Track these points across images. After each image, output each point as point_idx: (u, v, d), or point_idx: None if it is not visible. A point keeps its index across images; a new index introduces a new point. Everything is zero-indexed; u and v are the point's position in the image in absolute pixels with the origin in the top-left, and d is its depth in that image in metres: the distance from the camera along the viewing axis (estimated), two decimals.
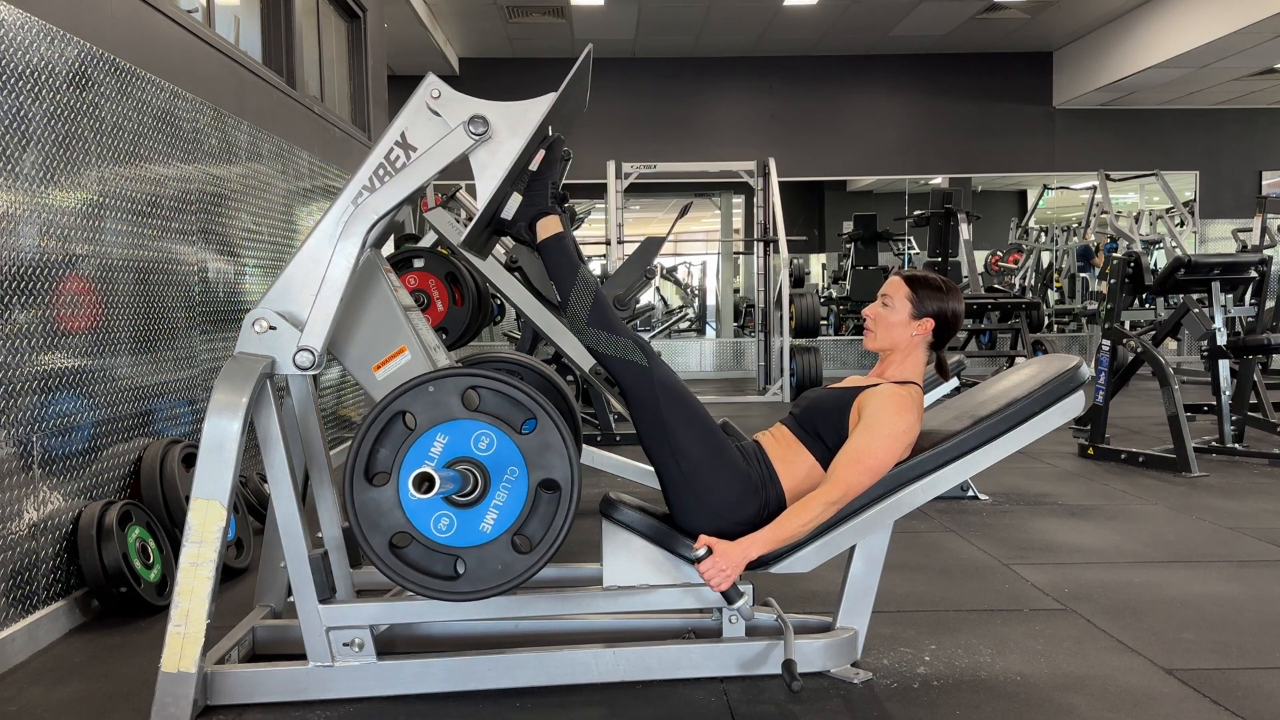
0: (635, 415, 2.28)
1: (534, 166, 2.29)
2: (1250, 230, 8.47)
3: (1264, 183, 11.58)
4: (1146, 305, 10.01)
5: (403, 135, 2.18)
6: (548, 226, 2.30)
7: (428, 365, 2.35)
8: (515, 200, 2.29)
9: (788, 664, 2.09)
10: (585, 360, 3.64)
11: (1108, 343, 5.25)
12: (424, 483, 1.87)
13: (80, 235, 2.84)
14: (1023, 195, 13.38)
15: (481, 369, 2.13)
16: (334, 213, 2.18)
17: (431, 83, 2.21)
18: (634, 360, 2.23)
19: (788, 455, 2.30)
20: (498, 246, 4.10)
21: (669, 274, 13.55)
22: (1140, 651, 2.43)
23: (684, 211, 8.11)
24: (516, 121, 2.19)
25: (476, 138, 2.16)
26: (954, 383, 3.43)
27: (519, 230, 2.33)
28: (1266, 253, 6.79)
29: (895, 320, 2.33)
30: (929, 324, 2.32)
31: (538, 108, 2.21)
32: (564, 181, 2.47)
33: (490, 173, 2.18)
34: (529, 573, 2.06)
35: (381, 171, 2.18)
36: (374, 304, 2.36)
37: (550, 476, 2.06)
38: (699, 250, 14.32)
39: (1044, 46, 11.00)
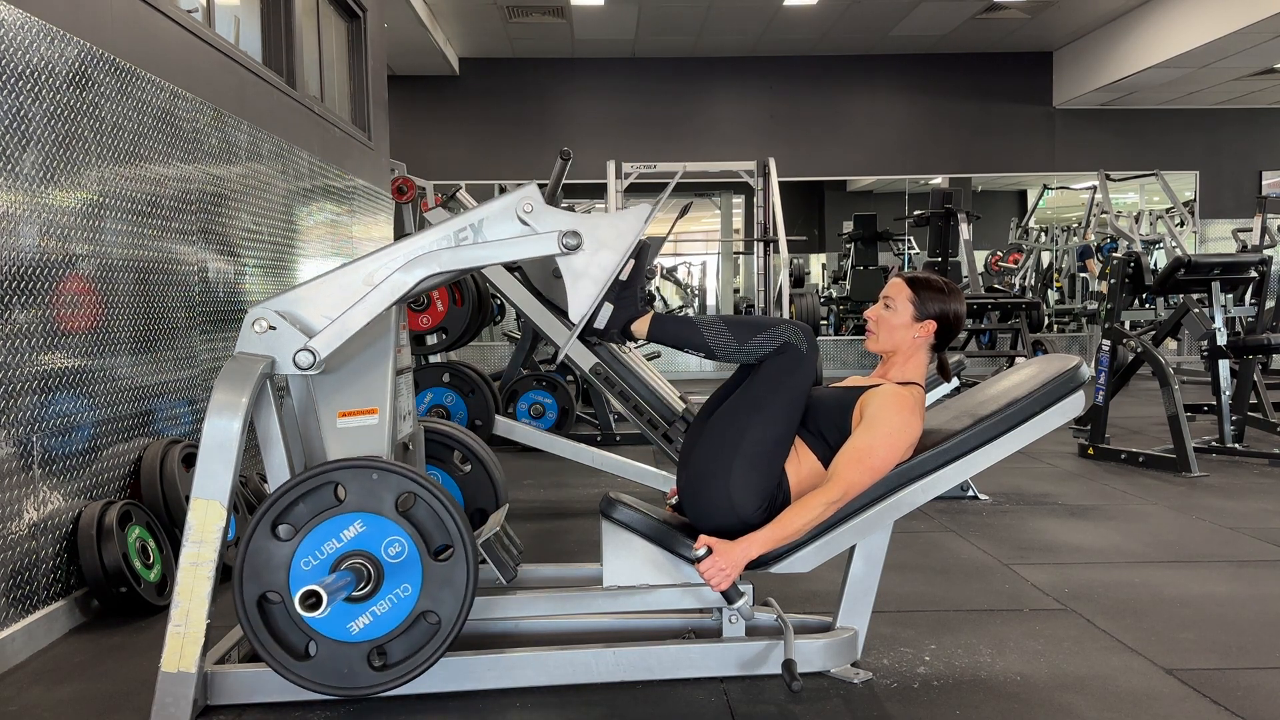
0: (748, 382, 2.24)
1: (624, 276, 2.28)
2: (1250, 230, 8.47)
3: (1264, 183, 11.58)
4: (1146, 305, 10.01)
5: (480, 222, 2.16)
6: (643, 325, 2.31)
7: (387, 438, 2.30)
8: (607, 309, 2.29)
9: (788, 664, 2.09)
10: (586, 360, 3.64)
11: (1108, 343, 5.25)
12: (310, 598, 1.84)
13: (80, 235, 2.84)
14: (1023, 195, 13.38)
15: (427, 480, 2.09)
16: (388, 254, 2.16)
17: (528, 195, 2.17)
18: (795, 344, 2.20)
19: (792, 456, 2.30)
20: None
21: (669, 274, 13.55)
22: (1140, 651, 2.43)
23: (684, 211, 8.11)
24: (611, 236, 2.18)
25: (569, 250, 2.15)
26: (954, 383, 3.44)
27: (612, 337, 2.34)
28: (1266, 253, 6.78)
29: (897, 322, 2.33)
30: (931, 326, 2.33)
31: (633, 223, 2.19)
32: (564, 181, 2.47)
33: (584, 285, 2.17)
34: (371, 690, 2.06)
35: (446, 243, 2.16)
36: (374, 354, 2.32)
37: (437, 611, 2.06)
38: (699, 250, 14.33)
39: (1044, 46, 11.00)
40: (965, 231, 8.66)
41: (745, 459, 2.20)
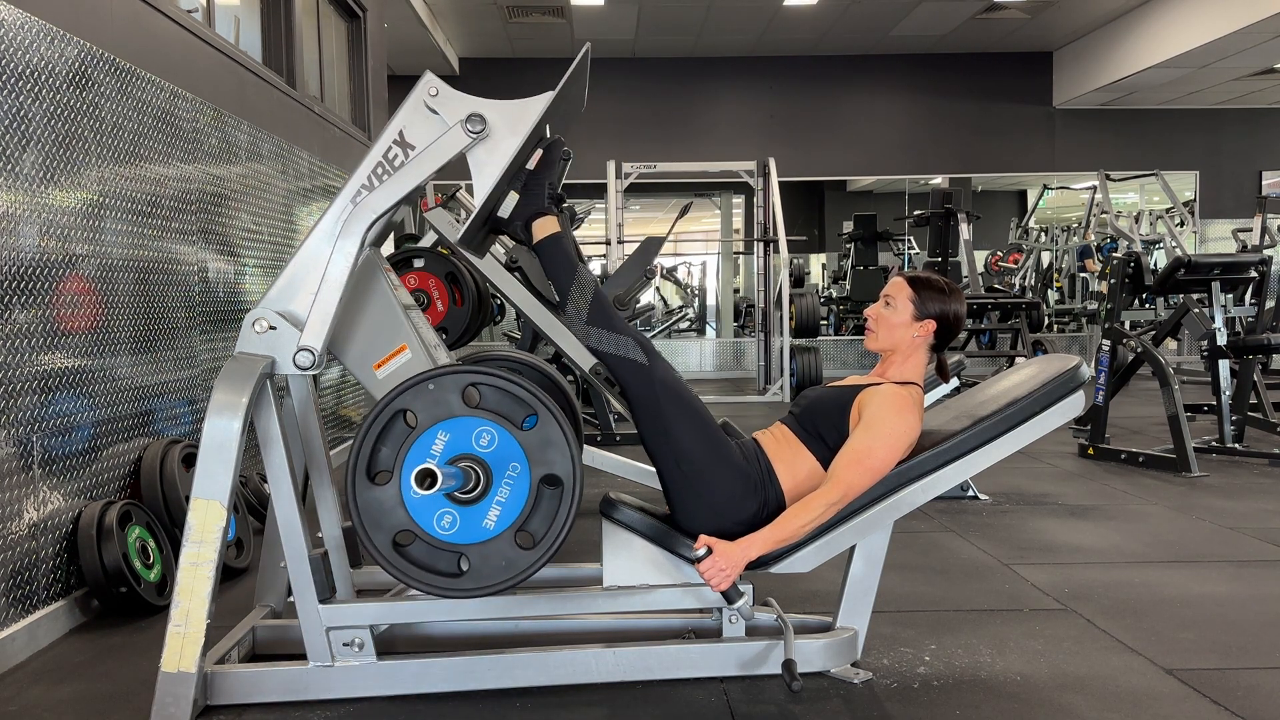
0: (636, 413, 2.27)
1: (531, 165, 2.29)
2: (1250, 230, 8.47)
3: (1264, 183, 11.58)
4: (1146, 305, 10.01)
5: (400, 134, 2.18)
6: (544, 226, 2.29)
7: (428, 363, 2.35)
8: (512, 199, 2.29)
9: (788, 664, 2.09)
10: (585, 360, 3.64)
11: (1108, 343, 5.25)
12: (426, 479, 1.87)
13: (80, 235, 2.84)
14: (1023, 195, 13.38)
15: (479, 367, 2.13)
16: (333, 212, 2.18)
17: (429, 81, 2.20)
18: (634, 358, 2.23)
19: (787, 455, 2.30)
20: (497, 246, 4.10)
21: (669, 274, 13.55)
22: (1140, 651, 2.43)
23: (684, 211, 8.10)
24: (514, 120, 2.19)
25: (474, 136, 2.16)
26: (954, 383, 3.44)
27: (515, 229, 2.32)
28: (1266, 253, 6.79)
29: (897, 321, 2.33)
30: (931, 325, 2.33)
31: (535, 106, 2.20)
32: (564, 181, 2.47)
33: (487, 171, 2.18)
34: (533, 568, 2.07)
35: (380, 170, 2.18)
36: (374, 303, 2.36)
37: (552, 472, 2.06)
38: (699, 250, 14.32)
39: (1044, 46, 11.00)
40: (965, 231, 8.66)
41: (695, 469, 2.22)
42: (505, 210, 2.30)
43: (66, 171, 2.79)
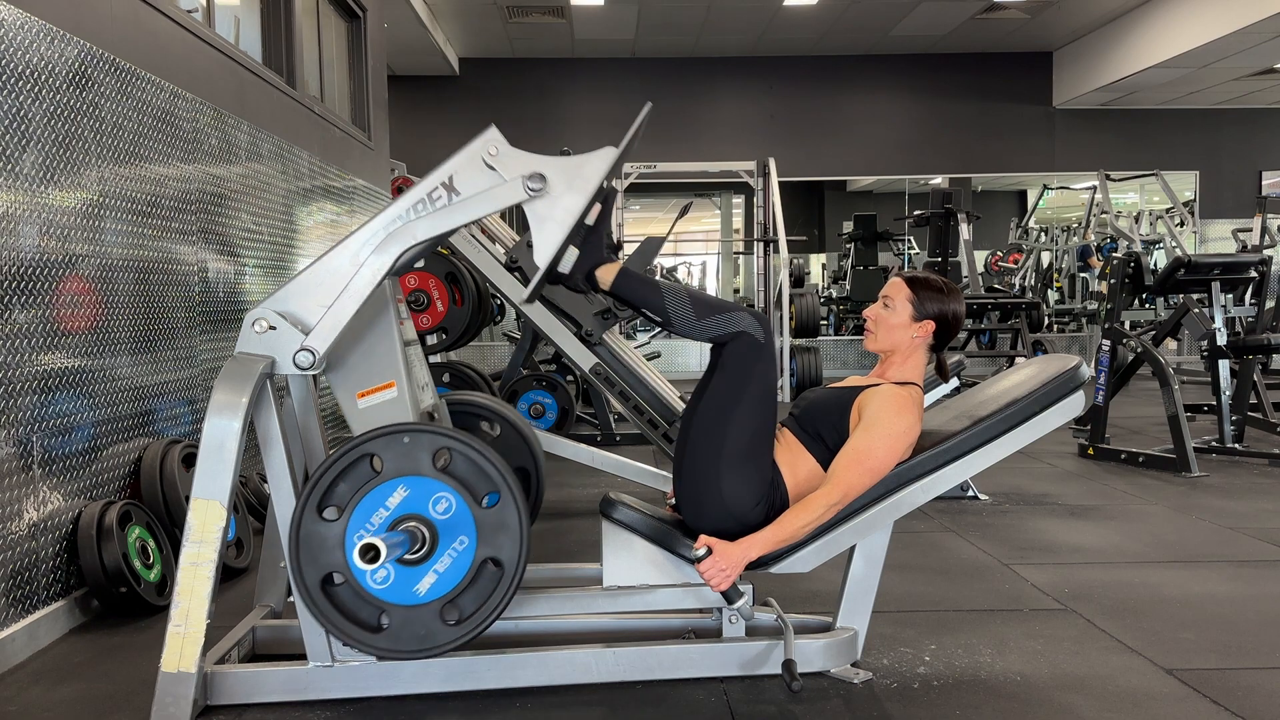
0: (717, 382, 2.24)
1: (589, 220, 2.27)
2: (1250, 230, 8.47)
3: (1264, 183, 11.58)
4: (1146, 305, 10.01)
5: (450, 179, 2.15)
6: (608, 272, 2.31)
7: (410, 406, 2.31)
8: (572, 254, 2.28)
9: (788, 664, 2.09)
10: (586, 360, 3.64)
11: (1108, 343, 5.25)
12: (369, 553, 1.85)
13: (80, 235, 2.84)
14: (1023, 195, 13.38)
15: (458, 432, 2.10)
16: (367, 232, 2.14)
17: (491, 139, 2.16)
18: (751, 333, 2.20)
19: (788, 456, 2.30)
20: (497, 246, 4.10)
21: (669, 274, 13.55)
22: (1140, 651, 2.43)
23: (684, 211, 8.10)
24: (574, 178, 2.15)
25: (534, 193, 2.13)
26: (954, 383, 3.44)
27: (576, 282, 2.33)
28: (1266, 253, 6.79)
29: (896, 322, 2.33)
30: (930, 326, 2.32)
31: (597, 165, 2.16)
32: None
33: (549, 228, 2.14)
34: (449, 645, 2.07)
35: (420, 206, 2.14)
36: (377, 331, 2.33)
37: (498, 555, 2.06)
38: (699, 250, 14.32)
39: (1044, 46, 11.00)
40: (965, 231, 8.66)
41: (730, 459, 2.20)
42: (565, 265, 2.28)
43: (66, 171, 2.79)
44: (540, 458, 3.05)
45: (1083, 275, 11.56)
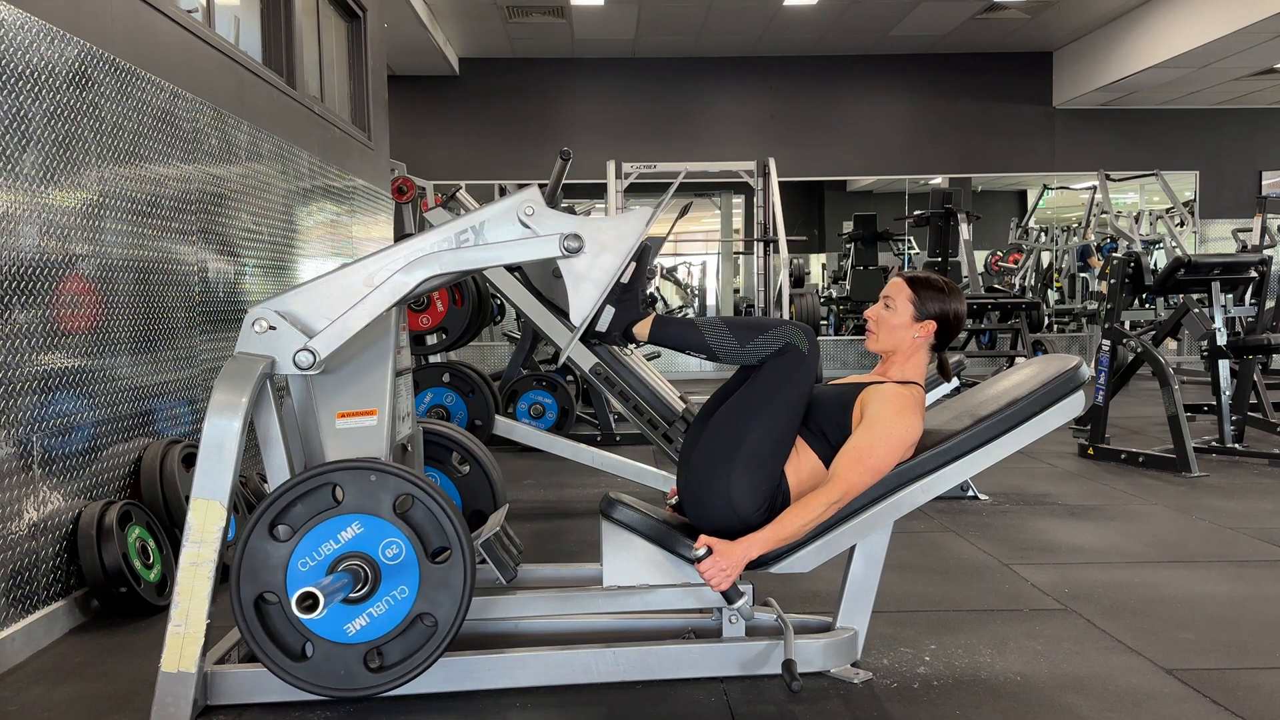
0: (749, 382, 2.24)
1: (625, 278, 2.28)
2: (1250, 230, 8.47)
3: (1264, 183, 11.58)
4: (1146, 305, 10.00)
5: (481, 224, 2.16)
6: (645, 327, 2.31)
7: (386, 439, 2.30)
8: (609, 312, 2.29)
9: (788, 664, 2.09)
10: (586, 360, 3.64)
11: (1108, 343, 5.25)
12: (307, 600, 1.84)
13: (80, 235, 2.84)
14: (1023, 195, 13.38)
15: (426, 482, 2.10)
16: (388, 256, 2.15)
17: (530, 198, 2.17)
18: (797, 345, 2.21)
19: (792, 456, 2.30)
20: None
21: (669, 274, 13.55)
22: (1140, 651, 2.43)
23: (684, 211, 8.09)
24: (612, 238, 2.17)
25: (570, 252, 2.14)
26: (954, 383, 3.44)
27: (613, 339, 2.34)
28: (1266, 253, 6.79)
29: (897, 322, 2.33)
30: (931, 326, 2.32)
31: (634, 226, 2.18)
32: (564, 181, 2.47)
33: (585, 287, 2.17)
34: (365, 691, 2.06)
35: (446, 245, 2.15)
36: (373, 355, 2.32)
37: (434, 613, 2.06)
38: (699, 250, 14.32)
39: (1044, 46, 11.00)
40: (965, 231, 8.66)
41: (745, 461, 2.20)
42: (603, 324, 2.30)
43: (66, 171, 2.79)
44: (501, 498, 3.04)
45: (1083, 275, 11.55)
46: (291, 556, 2.04)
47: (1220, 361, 5.06)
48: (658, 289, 12.71)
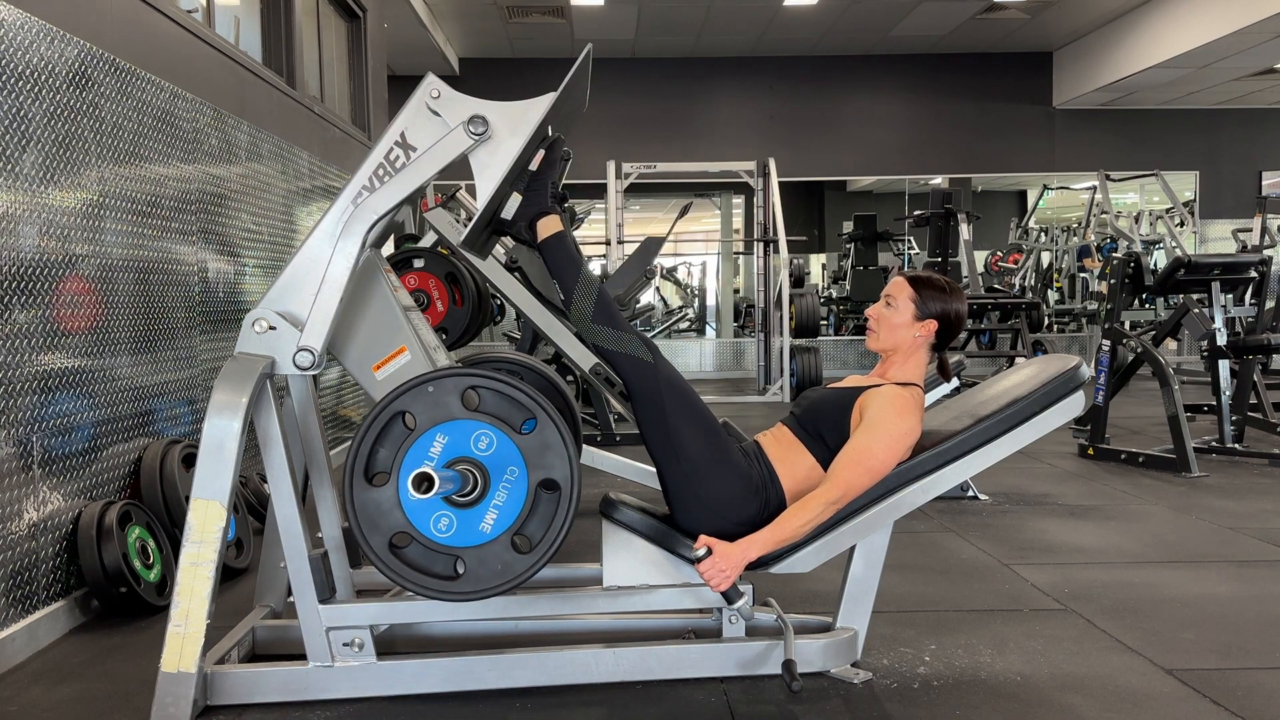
0: (638, 412, 2.28)
1: (534, 166, 2.29)
2: (1250, 230, 8.47)
3: (1264, 183, 11.58)
4: (1146, 305, 10.01)
5: (402, 135, 2.18)
6: (548, 226, 2.30)
7: (427, 365, 2.35)
8: (515, 200, 2.29)
9: (788, 664, 2.09)
10: (585, 360, 3.63)
11: (1108, 343, 5.25)
12: (423, 482, 1.87)
13: (80, 235, 2.84)
14: (1023, 195, 13.38)
15: (481, 369, 2.13)
16: (333, 213, 2.18)
17: (431, 83, 2.20)
18: (639, 355, 2.24)
19: (788, 455, 2.30)
20: (498, 246, 4.10)
21: (669, 274, 13.55)
22: (1140, 651, 2.43)
23: (684, 211, 8.10)
24: (516, 121, 2.19)
25: (476, 138, 2.16)
26: (954, 383, 3.43)
27: (519, 230, 2.33)
28: (1266, 253, 6.78)
29: (898, 321, 2.33)
30: (932, 325, 2.32)
31: (537, 107, 2.20)
32: (564, 181, 2.47)
33: (490, 173, 2.18)
34: (529, 572, 2.06)
35: (381, 171, 2.18)
36: (374, 304, 2.36)
37: (550, 476, 2.06)
38: (699, 250, 14.32)
39: (1044, 46, 11.00)
40: (965, 231, 8.66)
41: (696, 469, 2.22)
42: (508, 212, 2.30)
43: (66, 171, 2.78)
44: (569, 395, 3.03)
45: (1083, 275, 11.55)
46: (400, 493, 2.03)
47: (1220, 361, 5.06)
48: (658, 289, 12.73)
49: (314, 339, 2.13)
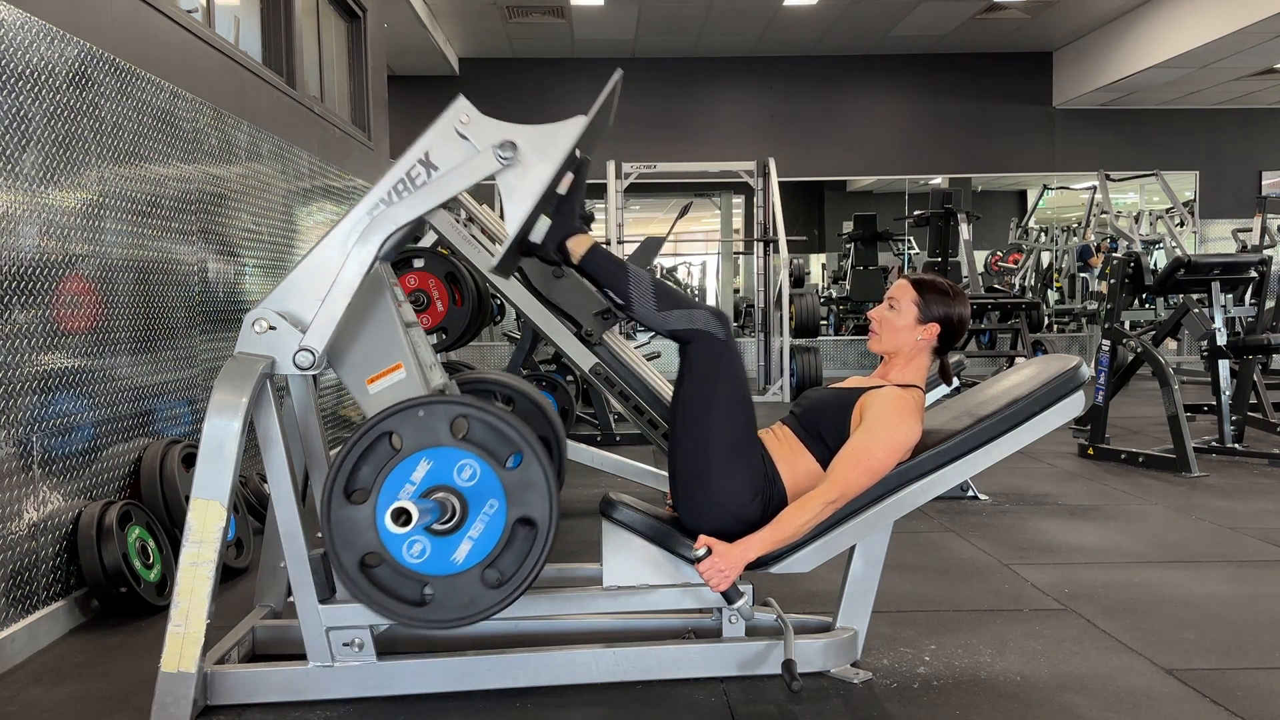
0: (686, 384, 2.25)
1: (562, 190, 2.27)
2: (1250, 230, 8.47)
3: (1264, 183, 11.58)
4: (1146, 305, 10.01)
5: (426, 154, 2.15)
6: (580, 243, 2.30)
7: (421, 385, 2.33)
8: (544, 224, 2.27)
9: (787, 664, 2.09)
10: (586, 360, 3.63)
11: (1108, 343, 5.25)
12: (401, 516, 1.86)
13: (80, 235, 2.84)
14: (1023, 195, 13.38)
15: (472, 399, 2.12)
16: (348, 222, 2.16)
17: (462, 107, 2.16)
18: (712, 331, 2.22)
19: (788, 455, 2.30)
20: (497, 246, 4.10)
21: (669, 274, 13.54)
22: (1140, 651, 2.43)
23: (684, 211, 8.10)
24: (545, 146, 2.15)
25: (505, 162, 2.13)
26: (954, 383, 3.44)
27: (548, 252, 2.32)
28: (1266, 253, 6.79)
29: (901, 324, 2.33)
30: (934, 329, 2.32)
31: (568, 132, 2.17)
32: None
33: (519, 196, 2.15)
34: (495, 608, 2.06)
35: (401, 187, 2.15)
36: (376, 316, 2.34)
37: (529, 514, 2.05)
38: (699, 250, 14.32)
39: (1044, 46, 11.00)
40: (965, 231, 8.66)
41: (717, 461, 2.21)
42: (537, 235, 2.28)
43: (66, 171, 2.79)
44: (559, 427, 3.03)
45: (1083, 275, 11.55)
46: (376, 512, 2.03)
47: (1220, 361, 5.06)
48: None
49: (317, 340, 2.13)
